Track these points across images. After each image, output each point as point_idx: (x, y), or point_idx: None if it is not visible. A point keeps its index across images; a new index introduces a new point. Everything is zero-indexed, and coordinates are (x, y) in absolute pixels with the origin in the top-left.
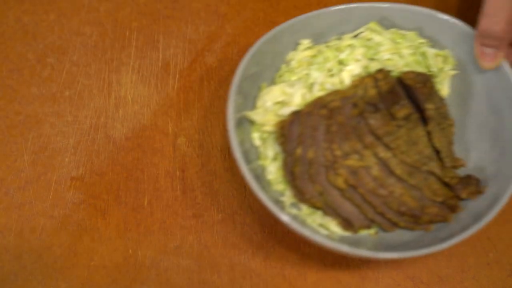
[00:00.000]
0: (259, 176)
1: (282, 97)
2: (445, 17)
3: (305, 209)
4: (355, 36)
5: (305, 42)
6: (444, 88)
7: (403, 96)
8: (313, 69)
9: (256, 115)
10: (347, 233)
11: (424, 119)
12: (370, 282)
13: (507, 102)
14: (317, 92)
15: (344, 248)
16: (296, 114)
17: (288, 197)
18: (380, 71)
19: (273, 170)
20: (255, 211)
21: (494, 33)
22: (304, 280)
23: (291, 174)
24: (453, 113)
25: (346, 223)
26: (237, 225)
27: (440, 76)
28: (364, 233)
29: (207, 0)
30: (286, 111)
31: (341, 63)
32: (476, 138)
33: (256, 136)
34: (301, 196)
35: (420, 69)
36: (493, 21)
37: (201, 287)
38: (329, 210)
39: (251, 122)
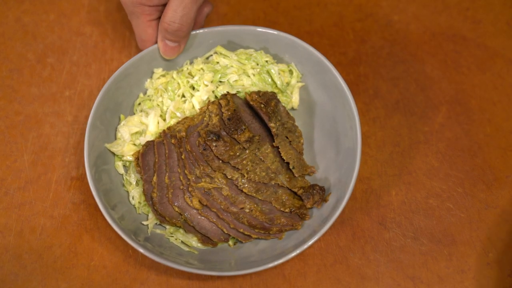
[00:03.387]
0: (125, 202)
1: (138, 128)
2: (288, 36)
3: (168, 228)
4: (207, 58)
5: (158, 71)
6: (294, 100)
7: (243, 121)
8: (165, 97)
9: (115, 147)
10: (207, 247)
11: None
12: (370, 282)
13: (341, 110)
14: (170, 120)
15: (202, 272)
16: (149, 145)
17: (151, 220)
18: (224, 96)
19: (136, 196)
20: None
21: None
22: (304, 280)
23: (151, 199)
24: (304, 123)
25: (205, 239)
26: None
27: (288, 89)
28: (224, 244)
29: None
30: (143, 140)
31: (193, 87)
32: (322, 146)
33: (119, 165)
34: (162, 218)
35: (266, 87)
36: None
37: (201, 287)
38: (189, 228)
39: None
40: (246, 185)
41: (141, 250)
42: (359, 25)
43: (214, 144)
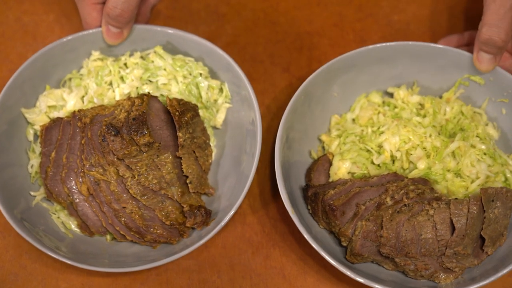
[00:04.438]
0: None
1: (56, 102)
2: (225, 56)
3: (55, 205)
4: (148, 54)
5: (96, 53)
6: (218, 119)
7: (147, 125)
8: (92, 81)
9: (29, 114)
10: (84, 234)
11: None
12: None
13: (251, 139)
14: (88, 104)
15: (68, 262)
16: (57, 121)
17: (41, 193)
18: (141, 96)
19: (35, 165)
20: (255, 211)
21: (495, 42)
22: (304, 280)
23: (45, 173)
24: (222, 144)
25: (84, 226)
26: (237, 225)
27: (214, 107)
28: (101, 237)
29: (207, 0)
30: (56, 115)
31: (122, 79)
32: (228, 170)
33: (30, 132)
34: (49, 194)
35: (191, 98)
36: (495, 31)
37: (201, 287)
38: (73, 211)
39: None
40: (134, 187)
41: (2, 209)
42: (359, 25)
43: (112, 139)
